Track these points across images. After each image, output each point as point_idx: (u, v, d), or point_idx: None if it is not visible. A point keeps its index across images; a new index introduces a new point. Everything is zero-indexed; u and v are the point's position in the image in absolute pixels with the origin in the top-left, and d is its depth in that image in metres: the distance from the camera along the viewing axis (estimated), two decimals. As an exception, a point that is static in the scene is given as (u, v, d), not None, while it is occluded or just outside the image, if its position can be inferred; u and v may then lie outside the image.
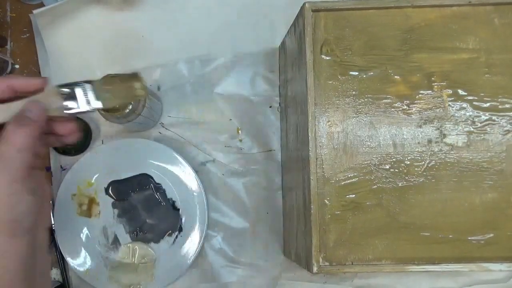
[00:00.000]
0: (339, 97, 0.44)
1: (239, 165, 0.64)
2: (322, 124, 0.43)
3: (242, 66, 0.64)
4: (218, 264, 0.62)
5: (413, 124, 0.43)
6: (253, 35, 0.65)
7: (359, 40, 0.44)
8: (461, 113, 0.43)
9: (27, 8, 0.67)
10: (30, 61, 0.67)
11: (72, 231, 0.62)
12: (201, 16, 0.65)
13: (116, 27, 0.65)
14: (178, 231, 0.62)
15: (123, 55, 0.65)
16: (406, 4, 0.44)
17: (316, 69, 0.43)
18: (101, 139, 0.65)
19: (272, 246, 0.63)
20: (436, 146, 0.43)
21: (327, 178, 0.43)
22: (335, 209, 0.43)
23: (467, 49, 0.44)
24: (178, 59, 0.65)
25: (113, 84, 0.41)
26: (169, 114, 0.65)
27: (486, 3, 0.43)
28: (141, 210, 0.62)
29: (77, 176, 0.62)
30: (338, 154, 0.43)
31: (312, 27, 0.44)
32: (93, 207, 0.63)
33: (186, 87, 0.65)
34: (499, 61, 0.43)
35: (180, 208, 0.62)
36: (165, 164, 0.62)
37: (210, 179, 0.64)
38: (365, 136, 0.43)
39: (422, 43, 0.44)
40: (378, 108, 0.44)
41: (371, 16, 0.44)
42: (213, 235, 0.63)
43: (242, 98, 0.64)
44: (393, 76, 0.44)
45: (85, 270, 0.61)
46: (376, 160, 0.43)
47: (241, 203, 0.63)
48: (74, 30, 0.64)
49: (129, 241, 0.62)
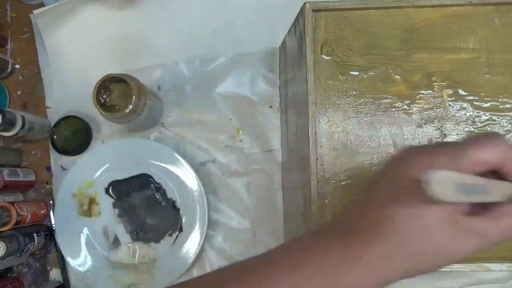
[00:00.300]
0: (340, 97, 0.44)
1: (239, 165, 0.64)
2: (322, 124, 0.43)
3: (242, 66, 0.64)
4: (218, 264, 0.62)
5: (414, 124, 0.43)
6: (253, 35, 0.65)
7: (360, 40, 0.44)
8: (462, 113, 0.43)
9: (27, 8, 0.67)
10: (30, 61, 0.67)
11: (73, 231, 0.62)
12: (201, 16, 0.65)
13: (117, 27, 0.65)
14: (178, 231, 0.62)
15: (123, 55, 0.65)
16: (407, 4, 0.44)
17: (317, 69, 0.43)
18: (101, 139, 0.65)
19: (272, 246, 0.62)
20: (437, 146, 0.43)
21: (327, 178, 0.43)
22: (336, 209, 0.43)
23: (467, 49, 0.44)
24: (178, 59, 0.65)
25: None
26: (169, 114, 0.65)
27: (487, 3, 0.43)
28: (142, 210, 0.62)
29: (78, 176, 0.62)
30: (338, 154, 0.43)
31: (312, 27, 0.44)
32: (93, 207, 0.63)
33: (186, 87, 0.65)
34: (500, 61, 0.43)
35: (180, 208, 0.62)
36: (165, 164, 0.62)
37: (210, 179, 0.64)
38: (365, 136, 0.43)
39: (422, 43, 0.44)
40: (378, 108, 0.43)
41: (371, 16, 0.44)
42: (213, 235, 0.63)
43: (242, 98, 0.64)
44: (393, 76, 0.44)
45: (85, 270, 0.61)
46: (376, 160, 0.43)
47: (241, 203, 0.63)
48: (74, 30, 0.64)
49: (129, 241, 0.62)
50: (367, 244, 0.29)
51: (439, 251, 0.29)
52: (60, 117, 0.64)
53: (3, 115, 0.54)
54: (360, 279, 0.29)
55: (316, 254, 0.30)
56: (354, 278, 0.29)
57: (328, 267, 0.30)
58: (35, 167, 0.66)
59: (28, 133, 0.59)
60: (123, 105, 0.52)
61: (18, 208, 0.57)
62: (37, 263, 0.64)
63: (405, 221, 0.29)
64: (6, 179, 0.58)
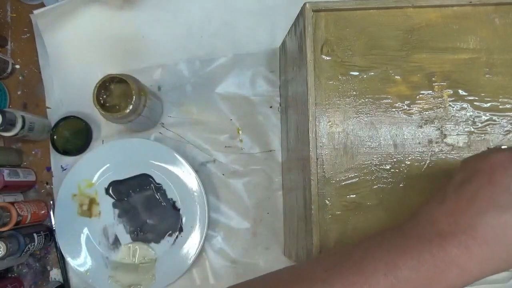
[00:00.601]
0: (340, 97, 0.44)
1: (240, 165, 0.64)
2: (322, 124, 0.43)
3: (243, 66, 0.64)
4: (218, 264, 0.62)
5: (414, 124, 0.43)
6: (254, 35, 0.65)
7: (360, 40, 0.44)
8: (462, 113, 0.43)
9: (28, 8, 0.67)
10: (31, 61, 0.67)
11: (73, 231, 0.62)
12: (201, 16, 0.65)
13: (117, 27, 0.65)
14: (178, 231, 0.62)
15: (123, 55, 0.65)
16: (407, 4, 0.44)
17: (317, 69, 0.43)
18: (101, 139, 0.65)
19: (272, 246, 0.63)
20: (437, 147, 0.43)
21: (327, 178, 0.43)
22: (336, 210, 0.43)
23: (467, 49, 0.44)
24: (178, 59, 0.65)
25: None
26: (170, 114, 0.65)
27: (487, 3, 0.43)
28: (142, 210, 0.62)
29: (78, 176, 0.62)
30: (338, 154, 0.43)
31: (312, 27, 0.44)
32: (93, 207, 0.63)
33: (187, 87, 0.65)
34: (500, 61, 0.43)
35: (181, 208, 0.62)
36: (165, 164, 0.62)
37: (210, 179, 0.64)
38: (365, 136, 0.43)
39: (422, 43, 0.44)
40: (378, 108, 0.43)
41: (371, 16, 0.44)
42: (213, 235, 0.63)
43: (243, 98, 0.64)
44: (393, 76, 0.44)
45: (85, 270, 0.61)
46: (376, 160, 0.43)
47: (241, 203, 0.63)
48: (74, 30, 0.64)
49: (129, 241, 0.62)
50: (466, 249, 0.30)
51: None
52: (60, 117, 0.64)
53: (3, 115, 0.54)
54: (456, 283, 0.30)
55: (406, 258, 0.31)
56: (450, 284, 0.30)
57: (424, 273, 0.30)
58: (35, 167, 0.66)
59: (28, 133, 0.59)
60: (123, 105, 0.52)
61: (18, 208, 0.57)
62: (37, 263, 0.64)
63: (506, 227, 0.30)
64: (6, 179, 0.58)
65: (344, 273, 0.31)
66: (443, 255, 0.30)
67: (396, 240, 0.32)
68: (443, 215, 0.32)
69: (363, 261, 0.32)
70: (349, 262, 0.32)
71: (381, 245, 0.33)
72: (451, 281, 0.30)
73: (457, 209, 0.31)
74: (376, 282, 0.30)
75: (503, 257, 0.30)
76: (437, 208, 0.33)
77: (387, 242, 0.33)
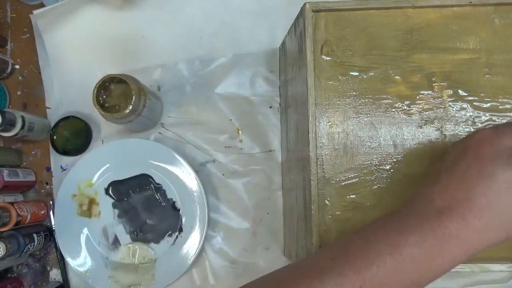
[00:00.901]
0: (340, 98, 0.44)
1: (239, 166, 0.64)
2: (322, 125, 0.43)
3: (242, 66, 0.64)
4: (218, 264, 0.62)
5: (414, 124, 0.43)
6: (253, 35, 0.65)
7: (360, 41, 0.44)
8: (462, 114, 0.43)
9: (27, 8, 0.67)
10: (30, 61, 0.67)
11: (72, 231, 0.62)
12: (201, 16, 0.65)
13: (117, 27, 0.65)
14: (178, 231, 0.62)
15: (123, 55, 0.65)
16: (407, 5, 0.44)
17: (317, 69, 0.43)
18: (101, 139, 0.65)
19: (272, 246, 0.63)
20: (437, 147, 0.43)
21: (327, 178, 0.43)
22: (336, 210, 0.43)
23: (467, 49, 0.44)
24: (178, 59, 0.65)
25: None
26: (169, 114, 0.65)
27: (487, 4, 0.43)
28: (141, 211, 0.62)
29: (78, 176, 0.62)
30: (338, 155, 0.43)
31: (312, 27, 0.44)
32: (93, 207, 0.63)
33: (186, 87, 0.65)
34: (500, 62, 0.43)
35: (180, 208, 0.62)
36: (165, 164, 0.62)
37: (210, 180, 0.64)
38: (365, 136, 0.43)
39: (422, 44, 0.44)
40: (378, 108, 0.43)
41: (371, 17, 0.44)
42: (213, 235, 0.63)
43: (242, 98, 0.64)
44: (393, 77, 0.44)
45: (85, 270, 0.61)
46: (376, 161, 0.43)
47: (241, 204, 0.63)
48: (74, 30, 0.64)
49: (129, 241, 0.62)
50: (463, 221, 0.31)
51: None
52: (60, 118, 0.64)
53: (3, 116, 0.54)
54: (457, 255, 0.32)
55: (408, 236, 0.32)
56: (452, 256, 0.32)
57: (426, 248, 0.32)
58: (35, 168, 0.66)
59: (28, 134, 0.59)
60: (123, 105, 0.52)
61: (18, 208, 0.57)
62: (37, 263, 0.64)
63: (498, 195, 0.31)
64: (6, 179, 0.58)
65: (350, 259, 0.33)
66: (443, 229, 0.32)
67: (397, 222, 0.34)
68: (439, 193, 0.34)
69: (367, 245, 0.33)
70: (354, 248, 0.33)
71: (383, 228, 0.34)
72: (453, 253, 0.32)
73: (451, 185, 0.33)
74: (383, 262, 0.31)
75: (499, 224, 0.32)
76: (432, 189, 0.34)
77: (388, 225, 0.34)
